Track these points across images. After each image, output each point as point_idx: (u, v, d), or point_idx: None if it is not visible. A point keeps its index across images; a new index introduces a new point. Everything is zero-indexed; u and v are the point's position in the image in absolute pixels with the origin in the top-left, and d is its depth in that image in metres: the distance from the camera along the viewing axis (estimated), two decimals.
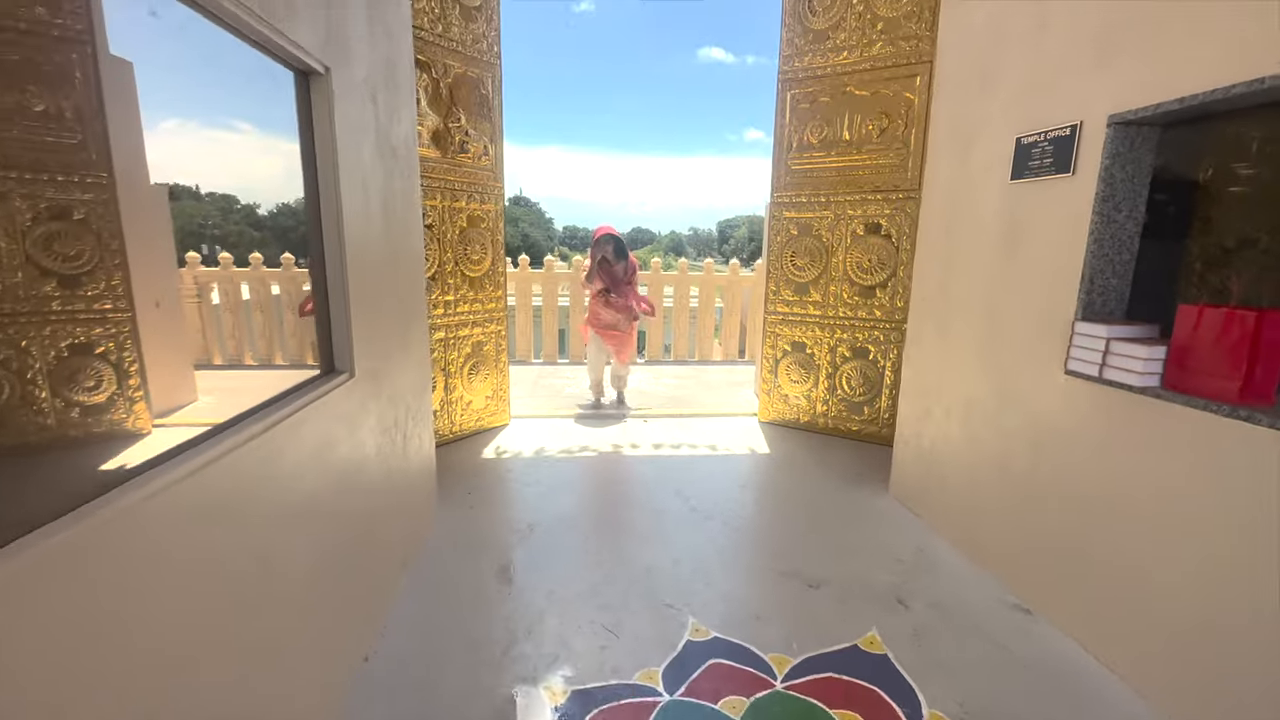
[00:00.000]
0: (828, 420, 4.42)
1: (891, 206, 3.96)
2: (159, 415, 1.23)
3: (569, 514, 3.10)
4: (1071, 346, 2.13)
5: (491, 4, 3.93)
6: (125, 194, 1.13)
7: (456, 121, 3.79)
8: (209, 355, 2.77)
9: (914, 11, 3.71)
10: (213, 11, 1.26)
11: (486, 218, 4.12)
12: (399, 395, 2.39)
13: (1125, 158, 2.02)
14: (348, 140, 1.86)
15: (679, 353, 7.27)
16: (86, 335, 1.11)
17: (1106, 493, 2.03)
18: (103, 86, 1.07)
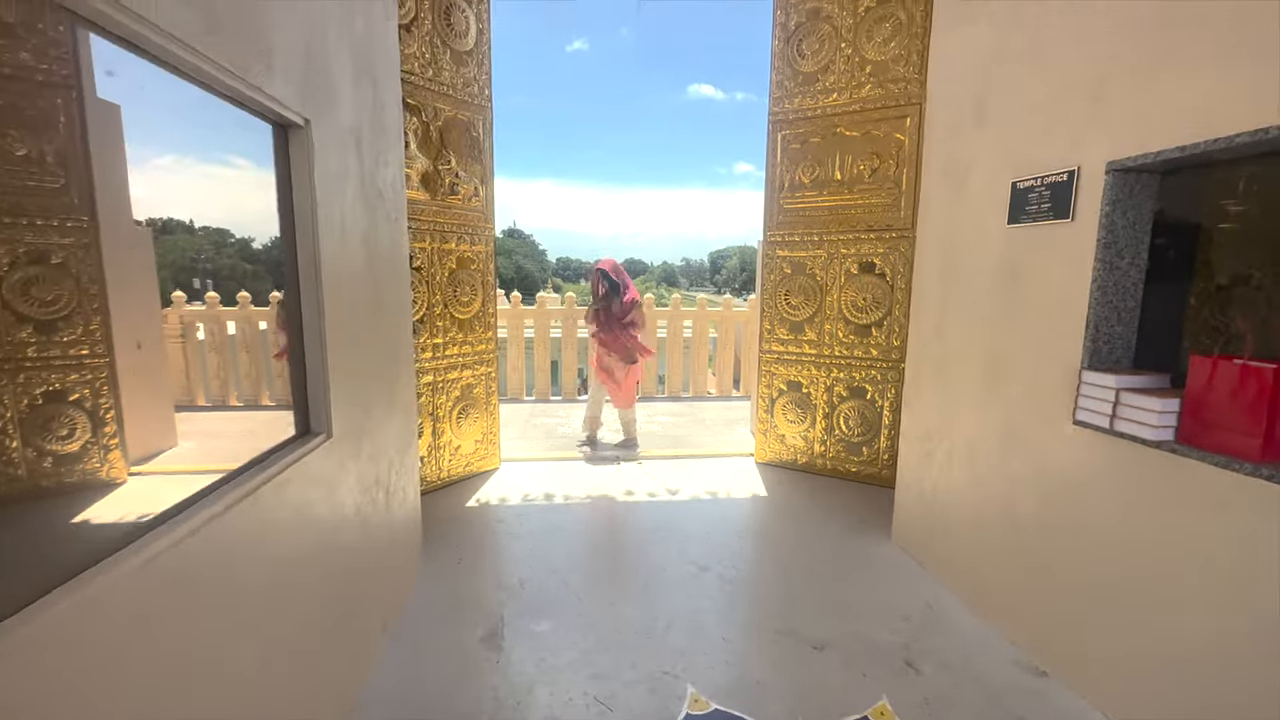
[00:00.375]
0: (826, 461, 4.33)
1: (885, 245, 3.94)
2: (136, 462, 1.20)
3: (561, 568, 2.97)
4: (1079, 396, 2.06)
5: (483, 48, 3.95)
6: (108, 236, 1.11)
7: (447, 164, 3.76)
8: (192, 396, 2.68)
9: (902, 55, 3.75)
10: (183, 70, 1.20)
11: (477, 259, 4.06)
12: (381, 451, 2.28)
13: (1125, 204, 1.98)
14: (329, 189, 1.79)
15: (673, 388, 7.18)
16: (61, 382, 1.08)
17: (1123, 550, 1.93)
18: (88, 130, 1.06)
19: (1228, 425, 1.65)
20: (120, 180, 1.17)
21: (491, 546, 3.20)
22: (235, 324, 3.35)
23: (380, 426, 2.27)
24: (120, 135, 1.15)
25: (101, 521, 1.16)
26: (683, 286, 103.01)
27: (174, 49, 1.11)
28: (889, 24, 3.78)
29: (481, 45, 3.93)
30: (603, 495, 3.93)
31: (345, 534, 1.95)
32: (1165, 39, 1.79)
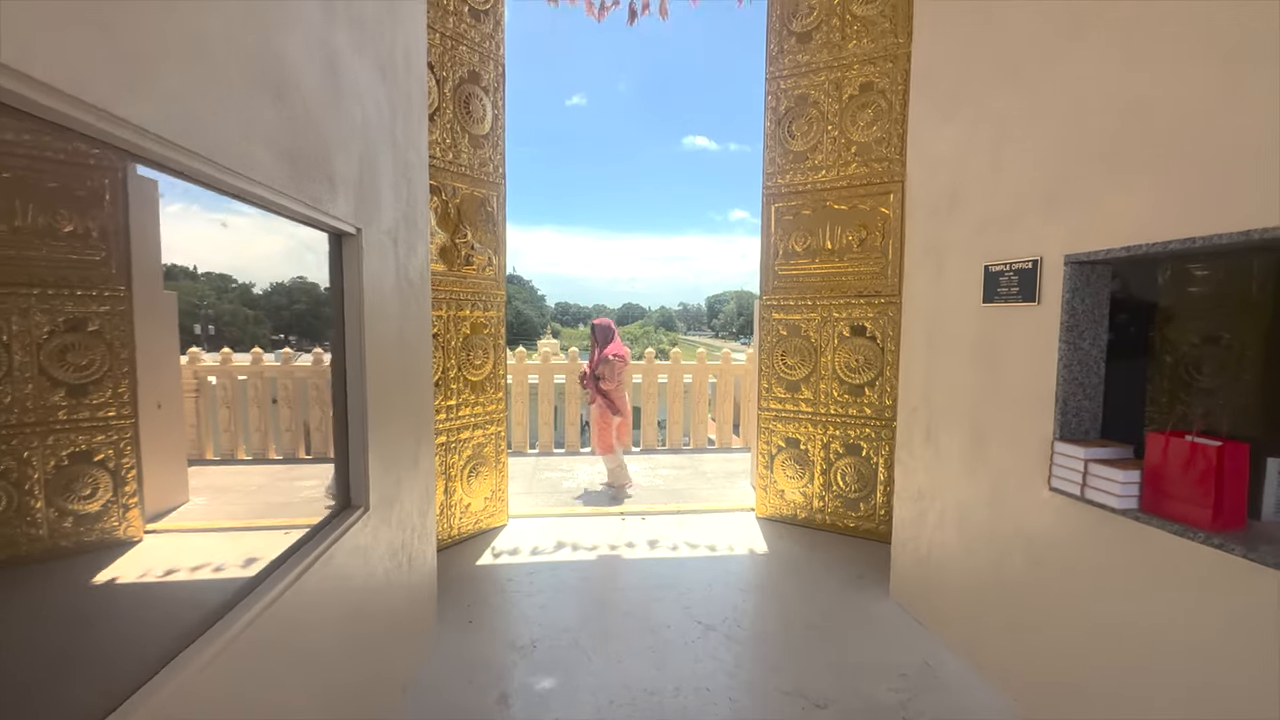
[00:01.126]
0: (825, 517, 4.46)
1: (875, 310, 4.18)
2: (151, 519, 1.22)
3: (570, 626, 3.07)
4: (1053, 465, 2.24)
5: (497, 131, 4.28)
6: (140, 303, 1.16)
7: (463, 237, 4.03)
8: (201, 450, 2.81)
9: (884, 138, 4.08)
10: (271, 208, 1.43)
11: (489, 324, 4.29)
12: (406, 517, 2.44)
13: (1084, 291, 2.21)
14: (373, 285, 2.02)
15: (674, 438, 7.33)
16: (88, 443, 1.11)
17: (1102, 612, 2.08)
18: (129, 209, 1.12)
19: (1182, 496, 1.83)
20: (154, 250, 1.21)
21: (502, 605, 3.31)
22: (247, 378, 3.52)
23: (406, 494, 2.44)
24: (157, 209, 1.19)
25: (127, 581, 1.18)
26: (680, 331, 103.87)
27: (269, 196, 1.34)
28: (871, 110, 4.13)
29: (496, 129, 4.27)
30: (608, 552, 4.04)
31: (375, 600, 2.09)
32: (1109, 154, 2.05)
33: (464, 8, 3.92)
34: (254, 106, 1.25)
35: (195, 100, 1.05)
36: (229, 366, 3.39)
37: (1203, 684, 1.75)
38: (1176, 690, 1.82)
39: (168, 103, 0.98)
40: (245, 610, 1.24)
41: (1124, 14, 2.00)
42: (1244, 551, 1.63)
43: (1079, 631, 2.16)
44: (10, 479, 0.99)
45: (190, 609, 1.22)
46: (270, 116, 1.32)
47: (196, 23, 1.06)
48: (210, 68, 1.10)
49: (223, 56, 1.14)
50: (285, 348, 2.27)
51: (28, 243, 0.97)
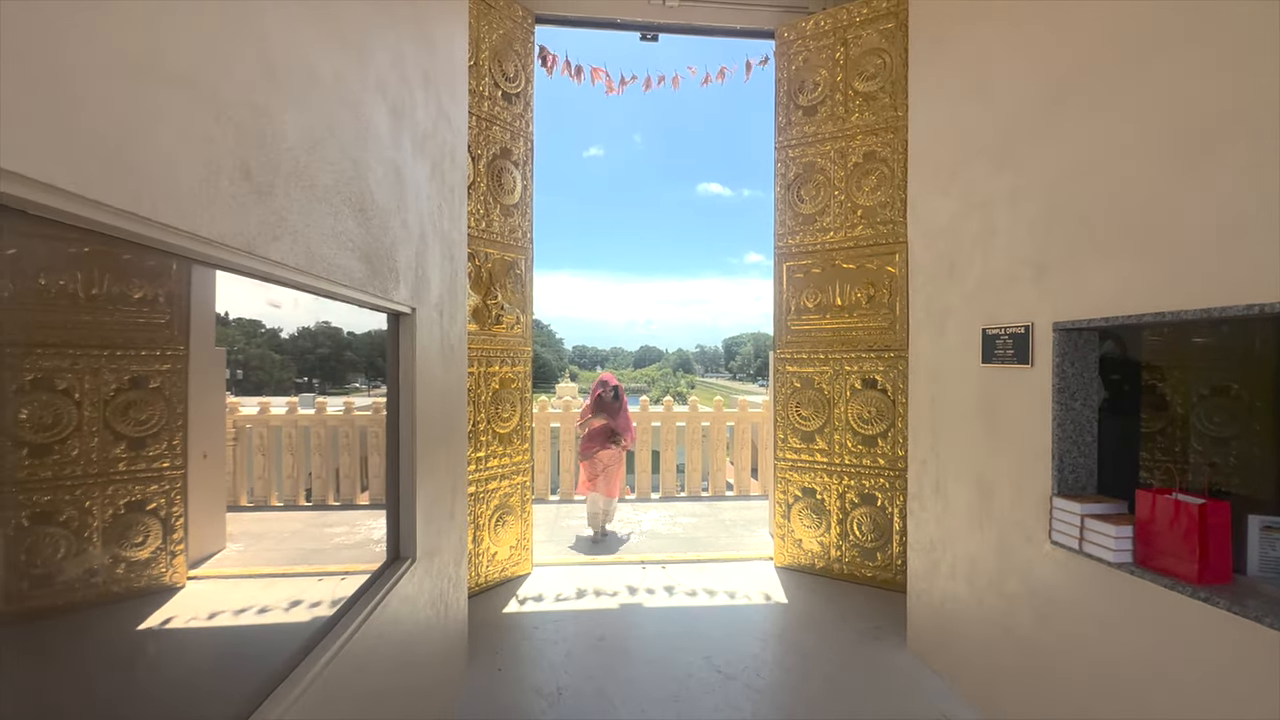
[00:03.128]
0: (842, 566, 4.53)
1: (885, 364, 4.36)
2: (192, 565, 1.27)
3: (596, 675, 3.18)
4: (1053, 519, 2.37)
5: (526, 200, 4.63)
6: (195, 362, 1.23)
7: (494, 299, 4.33)
8: (236, 497, 3.00)
9: (887, 202, 4.34)
10: (349, 301, 1.69)
11: (517, 378, 4.54)
12: (444, 568, 2.62)
13: (1072, 355, 2.39)
14: (423, 357, 2.27)
15: (692, 486, 7.43)
16: (143, 492, 1.15)
17: (1105, 662, 2.17)
18: (191, 274, 1.20)
19: (1171, 551, 1.95)
20: (209, 311, 1.28)
21: (529, 653, 3.43)
22: (282, 426, 3.77)
23: (445, 545, 2.63)
24: (214, 274, 1.25)
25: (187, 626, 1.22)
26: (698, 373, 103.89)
27: (351, 294, 1.60)
28: (874, 176, 4.41)
29: (525, 198, 4.62)
30: (630, 599, 4.15)
31: (419, 646, 2.26)
32: (1089, 231, 2.26)
33: (497, 93, 4.32)
34: (345, 223, 1.52)
35: (310, 233, 1.32)
36: (265, 415, 3.66)
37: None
38: None
39: (296, 239, 1.24)
40: (324, 651, 1.43)
41: (1100, 101, 2.24)
42: (1228, 605, 1.75)
43: (1084, 682, 2.24)
44: (72, 527, 1.03)
45: (265, 650, 1.41)
46: (354, 228, 1.59)
47: (319, 171, 1.33)
48: (321, 202, 1.37)
49: (328, 187, 1.41)
50: (310, 392, 2.43)
51: (103, 309, 1.03)
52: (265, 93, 1.12)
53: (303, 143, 1.28)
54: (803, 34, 4.72)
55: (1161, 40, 1.99)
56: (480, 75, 4.17)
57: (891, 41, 4.31)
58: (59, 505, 1.00)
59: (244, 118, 1.05)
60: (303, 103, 1.28)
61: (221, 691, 1.25)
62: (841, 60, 4.54)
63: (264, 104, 1.12)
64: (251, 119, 1.07)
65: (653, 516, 6.41)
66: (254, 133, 1.08)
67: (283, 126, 1.19)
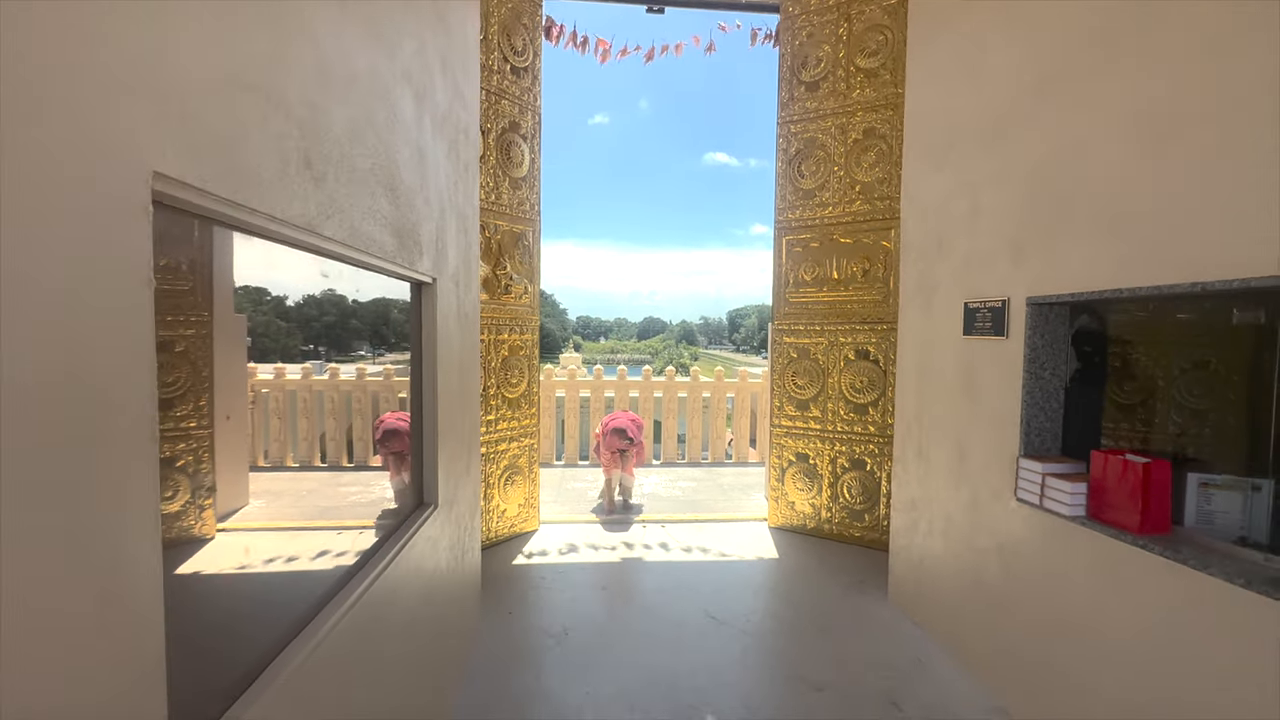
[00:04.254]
0: (832, 526, 4.79)
1: (877, 335, 4.54)
2: (219, 519, 1.33)
3: (597, 619, 3.46)
4: (1018, 478, 2.59)
5: (534, 173, 4.77)
6: (218, 326, 1.27)
7: (503, 269, 4.51)
8: (254, 458, 3.24)
9: (885, 178, 4.47)
10: (378, 271, 1.88)
11: (525, 346, 4.75)
12: (461, 518, 2.87)
13: (1043, 329, 2.57)
14: (442, 323, 2.46)
15: (693, 452, 7.70)
16: (172, 450, 1.19)
17: (1060, 606, 2.41)
18: (212, 241, 1.23)
19: (1118, 505, 2.17)
20: (228, 278, 1.31)
21: (537, 601, 3.71)
22: (297, 390, 3.99)
23: (461, 496, 2.87)
24: (231, 242, 1.27)
25: (219, 572, 1.33)
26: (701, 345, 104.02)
27: (384, 265, 1.79)
28: (873, 153, 4.52)
29: (533, 171, 4.75)
30: (631, 556, 4.43)
31: (440, 586, 2.52)
32: (1062, 211, 2.42)
33: (506, 66, 4.43)
34: (379, 202, 1.70)
35: (353, 213, 1.51)
36: (281, 380, 3.89)
37: (1142, 666, 2.07)
38: (1122, 672, 2.14)
39: (343, 218, 1.43)
40: (361, 581, 1.66)
41: (1078, 89, 2.38)
42: (1161, 550, 1.97)
43: (1043, 626, 2.49)
44: None
45: (298, 591, 1.61)
46: (386, 206, 1.77)
47: (359, 156, 1.51)
48: (360, 185, 1.55)
49: (366, 171, 1.59)
50: (316, 359, 2.61)
51: None
52: (319, 91, 1.29)
53: (347, 133, 1.45)
54: (807, 8, 4.78)
55: (1132, 34, 2.12)
56: (489, 50, 4.27)
57: (894, 18, 4.38)
58: None
59: (304, 115, 1.23)
60: (346, 97, 1.45)
61: (265, 620, 1.39)
62: (844, 36, 4.61)
63: (318, 101, 1.29)
64: (310, 116, 1.25)
65: (654, 481, 6.68)
66: (312, 127, 1.26)
67: (331, 120, 1.36)
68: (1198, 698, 1.86)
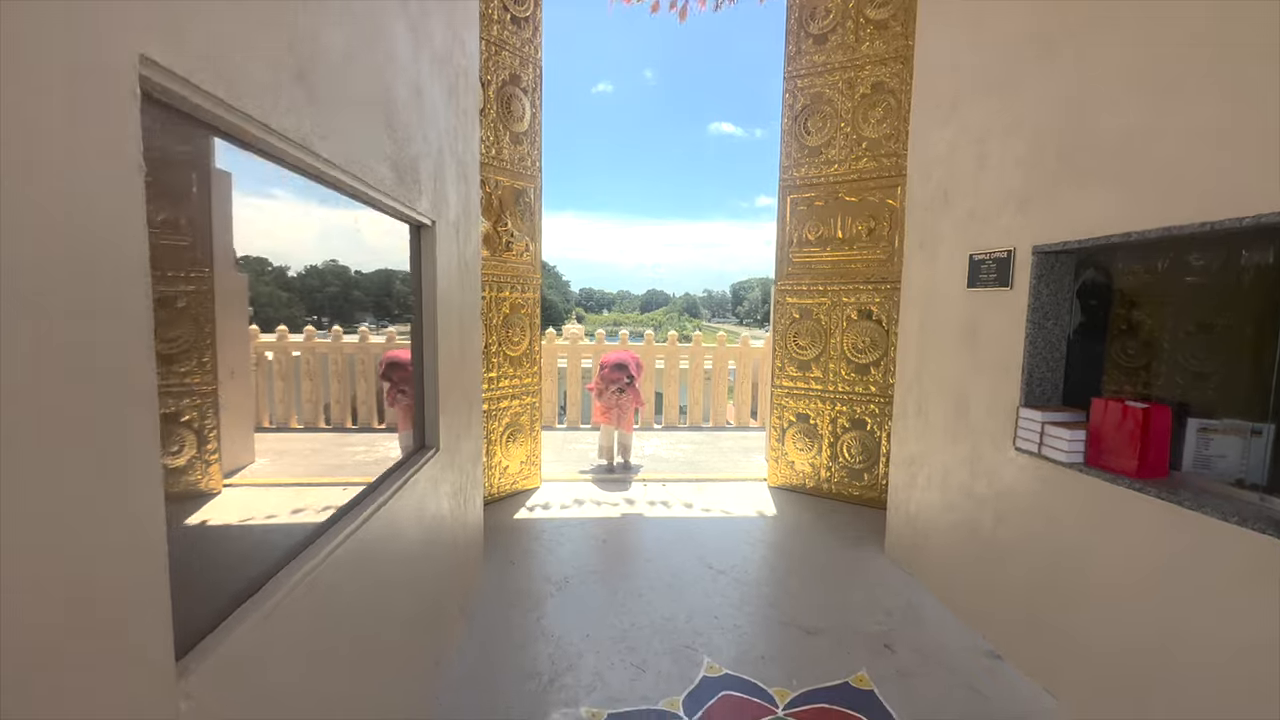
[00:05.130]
0: (831, 486, 4.83)
1: (881, 295, 4.52)
2: (226, 475, 1.35)
3: (598, 569, 3.53)
4: (1018, 428, 2.59)
5: (535, 128, 4.69)
6: (219, 283, 1.27)
7: (504, 225, 4.47)
8: (259, 419, 3.27)
9: (893, 134, 4.38)
10: (380, 208, 1.86)
11: (526, 304, 4.74)
12: (464, 465, 2.90)
13: (1048, 278, 2.55)
14: (442, 269, 2.45)
15: (694, 418, 7.74)
16: (176, 406, 1.19)
17: (1053, 551, 2.44)
18: (211, 198, 1.23)
19: (1116, 450, 2.18)
20: (228, 235, 1.30)
21: (538, 552, 3.77)
22: (301, 353, 4.01)
23: (462, 445, 2.89)
24: (230, 198, 1.27)
25: (218, 524, 1.35)
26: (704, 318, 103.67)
27: (383, 199, 1.77)
28: (881, 108, 4.43)
29: (534, 126, 4.68)
30: (631, 511, 4.49)
31: (442, 529, 2.56)
32: (1069, 161, 2.37)
33: (506, 16, 4.32)
34: (377, 134, 1.68)
35: (349, 138, 1.49)
36: (285, 343, 3.90)
37: (1133, 606, 2.11)
38: (1112, 611, 2.18)
39: (340, 140, 1.41)
40: (359, 515, 1.69)
41: (1084, 41, 2.31)
42: (1158, 493, 1.98)
43: (1037, 571, 2.52)
44: None
45: (301, 535, 1.63)
46: (383, 138, 1.75)
47: (355, 83, 1.48)
48: (356, 111, 1.52)
49: (361, 99, 1.56)
50: (321, 330, 2.63)
51: None
52: (313, 6, 1.26)
53: (341, 56, 1.42)
54: None
55: None
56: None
57: None
58: None
59: (297, 27, 1.20)
60: (341, 19, 1.42)
61: (263, 555, 1.38)
62: None
63: (313, 17, 1.26)
64: (304, 30, 1.22)
65: (655, 443, 6.73)
66: (306, 42, 1.23)
67: (325, 39, 1.33)
68: (1187, 635, 1.89)
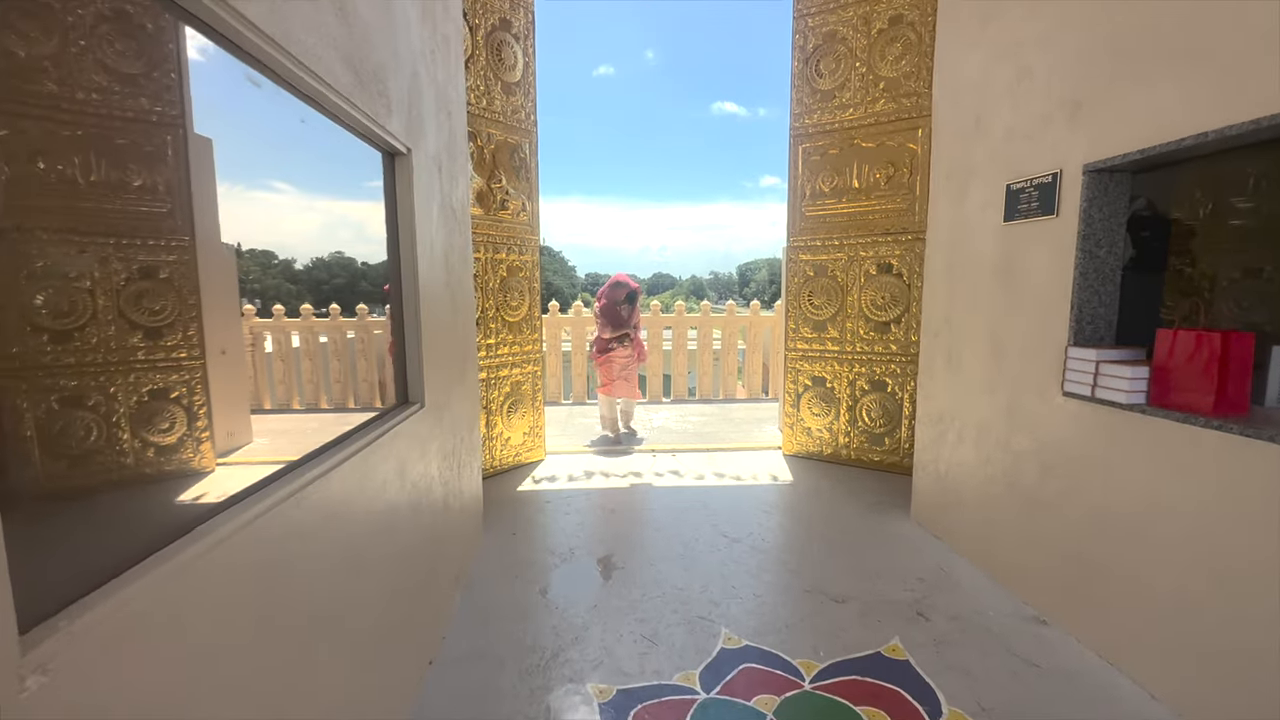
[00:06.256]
0: (850, 452, 4.59)
1: (901, 247, 4.23)
2: (221, 454, 1.32)
3: (606, 539, 3.31)
4: (1066, 370, 2.33)
5: (528, 78, 4.40)
6: (203, 254, 1.24)
7: (498, 182, 4.20)
8: (260, 400, 3.09)
9: (912, 71, 4.06)
10: (342, 119, 1.61)
11: (524, 267, 4.49)
12: (456, 426, 2.67)
13: (1101, 201, 2.26)
14: (421, 206, 2.21)
15: (703, 392, 7.50)
16: (164, 381, 1.18)
17: (1106, 505, 2.19)
18: (189, 163, 1.19)
19: (1188, 387, 1.91)
20: (212, 205, 1.27)
21: (542, 523, 3.56)
22: (299, 335, 3.81)
23: (454, 404, 2.66)
24: (212, 166, 1.24)
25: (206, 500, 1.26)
26: (711, 299, 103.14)
27: (339, 101, 1.52)
28: (899, 44, 4.10)
29: (528, 76, 4.38)
30: (640, 482, 4.27)
31: (432, 493, 2.34)
32: (1128, 57, 2.08)
33: None
34: (324, 16, 1.42)
35: (287, 11, 1.23)
36: (282, 322, 3.68)
37: (1206, 557, 1.85)
38: (1179, 567, 1.93)
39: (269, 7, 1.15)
40: (320, 466, 1.46)
41: None
42: (1241, 430, 1.72)
43: (1087, 527, 2.28)
44: (100, 412, 1.07)
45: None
46: (334, 25, 1.49)
47: None
48: None
49: None
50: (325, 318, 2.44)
51: (103, 195, 1.04)
52: None
53: None
54: None
55: None
56: None
57: None
58: (85, 391, 1.06)
59: None
60: None
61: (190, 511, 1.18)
62: None
63: None
64: None
65: (664, 415, 6.51)
66: None
67: None
68: (1265, 580, 1.64)
